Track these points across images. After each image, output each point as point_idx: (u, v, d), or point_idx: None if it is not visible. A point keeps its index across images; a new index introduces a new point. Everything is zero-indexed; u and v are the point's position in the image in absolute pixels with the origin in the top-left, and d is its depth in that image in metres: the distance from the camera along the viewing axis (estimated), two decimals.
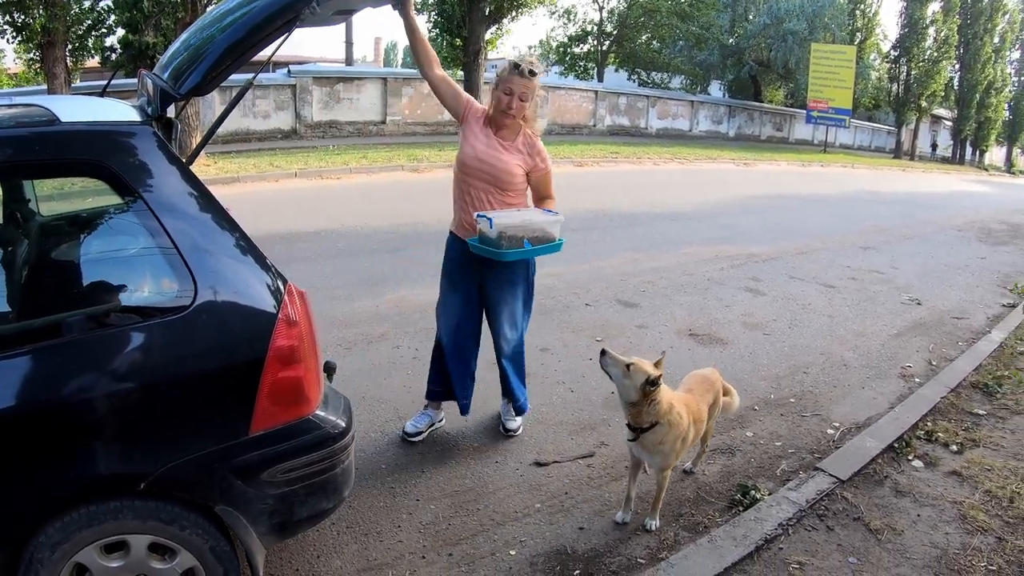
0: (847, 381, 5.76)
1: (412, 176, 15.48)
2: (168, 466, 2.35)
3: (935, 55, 41.77)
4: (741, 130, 38.19)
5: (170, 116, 2.94)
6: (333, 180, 14.48)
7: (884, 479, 4.18)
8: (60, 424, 2.27)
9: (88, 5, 14.83)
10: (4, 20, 13.52)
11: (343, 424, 2.70)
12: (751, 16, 39.31)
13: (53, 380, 2.27)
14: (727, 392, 4.11)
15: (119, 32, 15.14)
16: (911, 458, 4.43)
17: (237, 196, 11.57)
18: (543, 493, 3.90)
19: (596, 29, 37.54)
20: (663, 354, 3.52)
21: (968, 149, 51.26)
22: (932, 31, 42.05)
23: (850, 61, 35.38)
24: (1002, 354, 6.51)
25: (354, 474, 2.88)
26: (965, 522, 3.75)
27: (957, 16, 42.56)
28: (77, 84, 15.49)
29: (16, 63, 20.13)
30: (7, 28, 13.67)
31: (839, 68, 35.24)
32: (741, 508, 3.81)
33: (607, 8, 37.20)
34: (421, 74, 3.93)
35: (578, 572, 3.28)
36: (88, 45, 14.92)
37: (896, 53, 42.88)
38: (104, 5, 15.15)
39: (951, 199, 21.81)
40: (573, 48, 38.35)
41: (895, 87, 42.92)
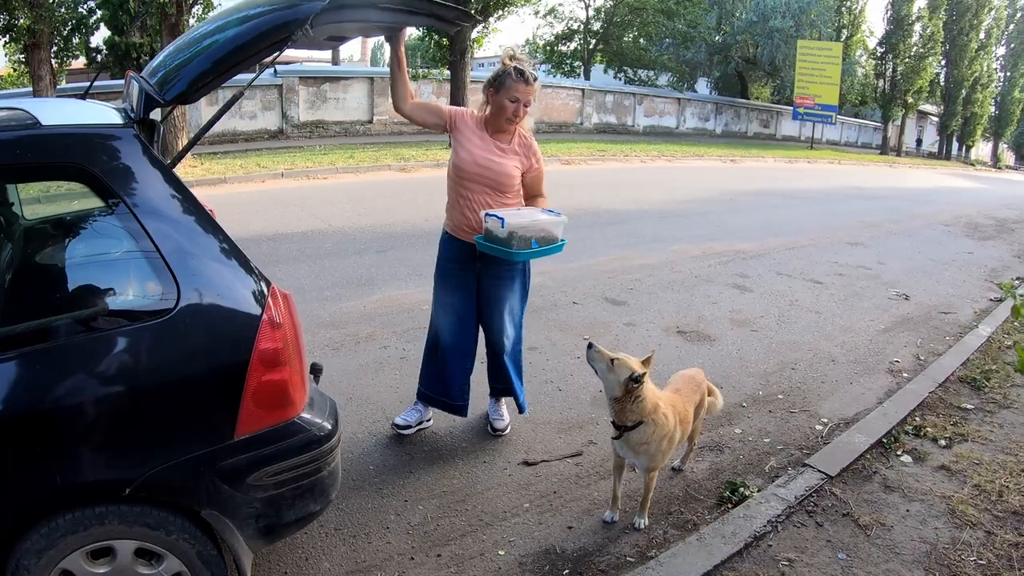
0: (835, 377, 5.78)
1: (399, 175, 15.44)
2: (153, 471, 2.34)
3: (921, 51, 41.96)
4: (728, 127, 38.38)
5: (154, 118, 2.92)
6: (320, 180, 14.44)
7: (873, 474, 4.19)
8: (44, 430, 2.25)
9: (73, 2, 14.71)
10: None
11: (329, 427, 2.69)
12: (738, 13, 39.41)
13: (37, 385, 2.25)
14: (711, 392, 4.12)
15: (104, 33, 15.06)
16: (900, 453, 4.44)
17: (223, 197, 11.55)
18: (532, 493, 3.90)
19: (583, 27, 37.54)
20: (652, 352, 3.53)
21: (955, 144, 51.56)
22: (918, 27, 42.23)
23: (836, 58, 35.57)
24: (989, 348, 6.55)
25: (341, 476, 2.87)
26: (954, 516, 3.76)
27: (943, 13, 42.73)
28: (62, 85, 15.40)
29: (3, 66, 20.01)
30: None
31: (825, 65, 35.44)
32: (730, 505, 3.81)
33: (593, 6, 37.27)
34: (395, 108, 3.92)
35: (567, 571, 3.28)
36: (73, 46, 14.84)
37: (882, 49, 43.06)
38: (89, 5, 15.07)
39: (938, 194, 21.89)
40: (560, 46, 38.35)
41: (881, 83, 43.10)
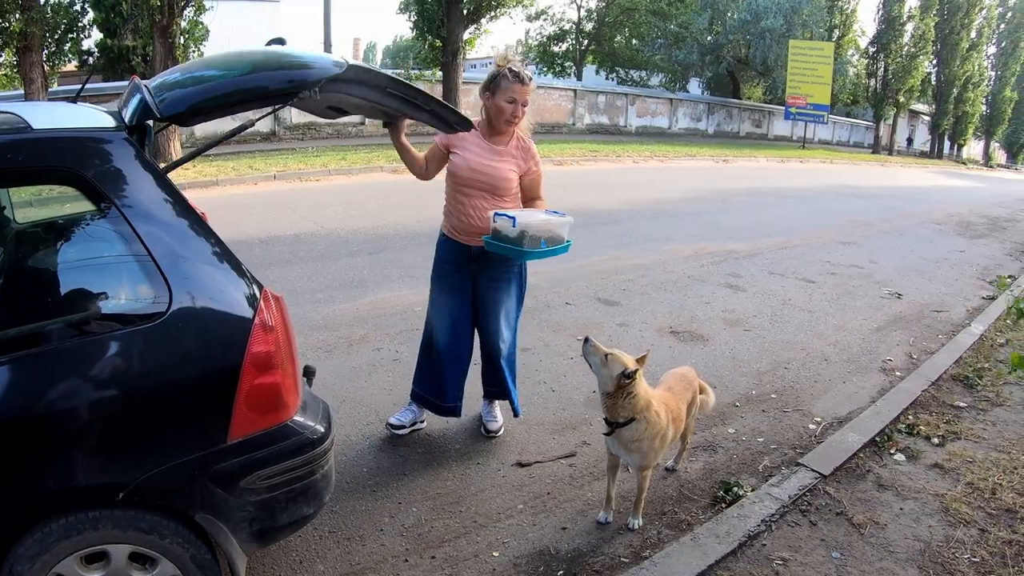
0: (828, 376, 5.80)
1: (392, 177, 15.40)
2: (147, 475, 2.33)
3: (912, 50, 42.14)
4: (720, 127, 38.44)
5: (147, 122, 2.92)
6: (312, 182, 14.42)
7: (866, 473, 4.20)
8: (37, 434, 2.24)
9: (65, 3, 14.65)
10: None
11: (322, 430, 2.68)
12: (729, 14, 39.49)
13: (30, 390, 2.24)
14: (702, 390, 4.13)
15: (97, 36, 15.02)
16: (893, 452, 4.46)
17: (216, 199, 11.53)
18: (525, 494, 3.89)
19: (575, 28, 37.57)
20: (647, 351, 3.53)
21: (946, 143, 51.76)
22: (910, 27, 42.41)
23: (828, 57, 35.68)
24: (982, 346, 6.57)
25: (335, 478, 2.87)
26: (948, 515, 3.78)
27: (935, 13, 42.88)
28: (54, 88, 15.36)
29: None
30: None
31: (817, 64, 35.54)
32: (724, 505, 3.82)
33: (585, 7, 37.31)
34: (418, 178, 4.10)
35: (561, 572, 3.28)
36: (65, 49, 14.79)
37: (874, 49, 43.25)
38: (80, 7, 15.01)
39: (930, 193, 21.98)
40: (551, 47, 38.39)
41: (873, 83, 43.27)
